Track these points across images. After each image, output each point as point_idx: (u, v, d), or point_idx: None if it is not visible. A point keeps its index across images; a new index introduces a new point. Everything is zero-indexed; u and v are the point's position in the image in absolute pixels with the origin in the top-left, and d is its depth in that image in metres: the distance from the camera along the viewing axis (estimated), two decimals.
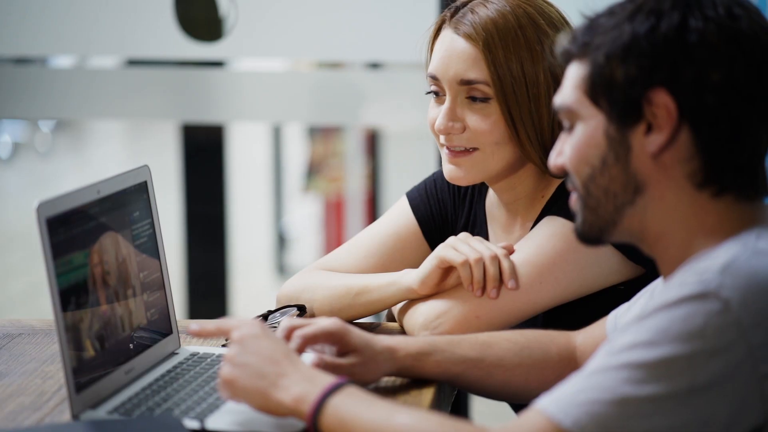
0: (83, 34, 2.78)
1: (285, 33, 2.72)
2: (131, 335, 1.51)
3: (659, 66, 1.20)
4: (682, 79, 1.19)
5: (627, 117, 1.22)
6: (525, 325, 1.66)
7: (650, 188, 1.22)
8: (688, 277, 1.16)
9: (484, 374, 1.51)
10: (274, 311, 1.77)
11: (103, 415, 1.41)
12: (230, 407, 1.42)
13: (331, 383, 1.30)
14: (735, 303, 1.13)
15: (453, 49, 1.69)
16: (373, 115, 2.88)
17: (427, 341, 1.52)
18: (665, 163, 1.21)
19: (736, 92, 1.20)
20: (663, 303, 1.15)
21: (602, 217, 1.25)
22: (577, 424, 1.14)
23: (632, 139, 1.22)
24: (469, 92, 1.69)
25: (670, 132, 1.20)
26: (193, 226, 3.49)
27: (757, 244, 1.18)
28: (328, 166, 5.70)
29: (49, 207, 1.38)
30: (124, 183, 1.53)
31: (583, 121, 1.25)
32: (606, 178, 1.23)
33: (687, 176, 1.22)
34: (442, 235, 1.80)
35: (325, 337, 1.45)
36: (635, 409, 1.13)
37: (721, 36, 1.20)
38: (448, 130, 1.70)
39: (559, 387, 1.18)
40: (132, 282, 1.52)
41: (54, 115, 3.44)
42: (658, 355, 1.13)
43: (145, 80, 2.88)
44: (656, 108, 1.20)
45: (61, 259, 1.39)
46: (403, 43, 2.62)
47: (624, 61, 1.21)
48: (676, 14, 1.20)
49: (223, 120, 3.34)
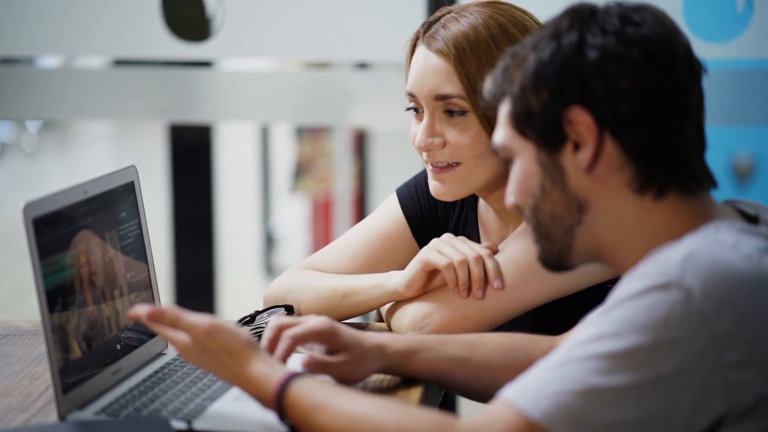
0: (70, 34, 2.77)
1: (272, 33, 2.71)
2: (118, 336, 1.51)
3: (568, 87, 1.23)
4: (593, 94, 1.23)
5: (552, 141, 1.25)
6: (515, 325, 1.66)
7: (593, 204, 1.25)
8: (650, 268, 1.18)
9: (471, 373, 1.52)
10: (261, 311, 1.77)
11: (90, 415, 1.40)
12: (218, 408, 1.42)
13: (293, 370, 1.34)
14: (697, 292, 1.15)
15: (426, 65, 1.69)
16: (361, 115, 2.87)
17: (416, 339, 1.53)
18: (600, 176, 1.24)
19: (647, 96, 1.23)
20: (626, 294, 1.17)
21: (556, 242, 1.28)
22: (545, 415, 1.15)
23: (563, 160, 1.25)
24: (446, 107, 1.69)
25: (595, 146, 1.23)
26: (180, 227, 3.49)
27: (717, 235, 1.21)
28: (316, 166, 5.70)
29: (35, 207, 1.38)
30: (111, 183, 1.52)
31: (518, 156, 1.29)
32: (549, 204, 1.27)
33: (625, 184, 1.24)
34: (432, 234, 1.80)
35: (315, 336, 1.46)
36: (603, 399, 1.14)
37: (621, 45, 1.23)
38: (429, 146, 1.71)
39: (524, 377, 1.19)
40: (119, 282, 1.52)
41: (41, 116, 3.43)
42: (623, 346, 1.15)
43: (133, 80, 2.88)
44: (577, 126, 1.24)
45: (47, 260, 1.38)
46: (391, 43, 2.61)
47: (536, 90, 1.25)
48: (574, 34, 1.24)
49: (211, 120, 3.34)
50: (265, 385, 1.33)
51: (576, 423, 1.14)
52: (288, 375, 1.33)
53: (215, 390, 1.47)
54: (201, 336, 1.36)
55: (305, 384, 1.32)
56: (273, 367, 1.35)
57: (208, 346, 1.36)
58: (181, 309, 1.39)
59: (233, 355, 1.35)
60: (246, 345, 1.36)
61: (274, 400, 1.32)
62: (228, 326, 1.37)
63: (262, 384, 1.33)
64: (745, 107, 2.54)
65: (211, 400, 1.44)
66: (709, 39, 2.43)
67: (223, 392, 1.46)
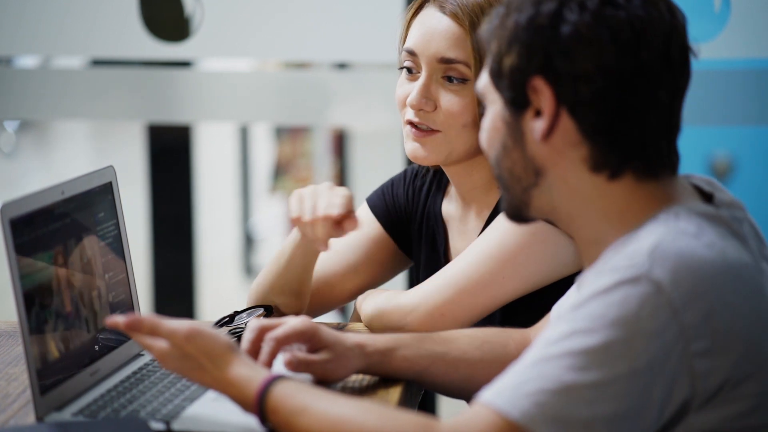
0: (48, 34, 2.76)
1: (251, 33, 2.71)
2: (96, 337, 1.50)
3: (535, 55, 1.23)
4: (556, 69, 1.22)
5: (516, 103, 1.26)
6: (482, 322, 1.68)
7: (550, 171, 1.26)
8: (618, 261, 1.18)
9: (449, 368, 1.53)
10: (240, 312, 1.77)
11: (68, 417, 1.40)
12: (196, 409, 1.41)
13: (275, 373, 1.34)
14: (666, 284, 1.15)
15: (436, 27, 1.71)
16: (341, 116, 2.87)
17: (394, 337, 1.54)
18: (557, 147, 1.25)
19: (611, 82, 1.22)
20: (597, 290, 1.17)
21: (515, 196, 1.30)
22: (524, 415, 1.15)
23: (523, 124, 1.26)
24: (446, 71, 1.71)
25: (551, 118, 1.24)
26: (159, 227, 3.47)
27: (678, 224, 1.21)
28: (295, 166, 5.69)
29: (12, 208, 1.37)
30: (88, 184, 1.52)
31: (490, 105, 1.30)
32: (509, 161, 1.28)
33: (580, 160, 1.25)
34: (402, 226, 1.86)
35: (297, 336, 1.46)
36: (580, 395, 1.15)
37: (594, 26, 1.21)
38: (421, 105, 1.72)
39: (501, 379, 1.20)
40: (97, 283, 1.51)
41: (18, 116, 3.41)
42: (597, 341, 1.15)
43: (111, 80, 2.87)
44: (539, 94, 1.24)
45: (25, 261, 1.38)
46: (371, 43, 2.62)
47: (509, 50, 1.25)
48: (553, 4, 1.23)
49: (190, 120, 3.33)
50: (247, 388, 1.33)
51: (555, 421, 1.14)
52: (269, 378, 1.32)
53: (194, 391, 1.46)
54: (181, 341, 1.35)
55: (287, 387, 1.31)
56: (254, 370, 1.34)
57: (189, 350, 1.35)
58: (159, 316, 1.38)
59: (214, 358, 1.35)
60: (226, 348, 1.36)
61: (256, 403, 1.31)
62: (208, 330, 1.36)
63: (244, 387, 1.33)
64: (723, 107, 2.55)
65: (190, 401, 1.44)
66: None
67: (202, 393, 1.46)
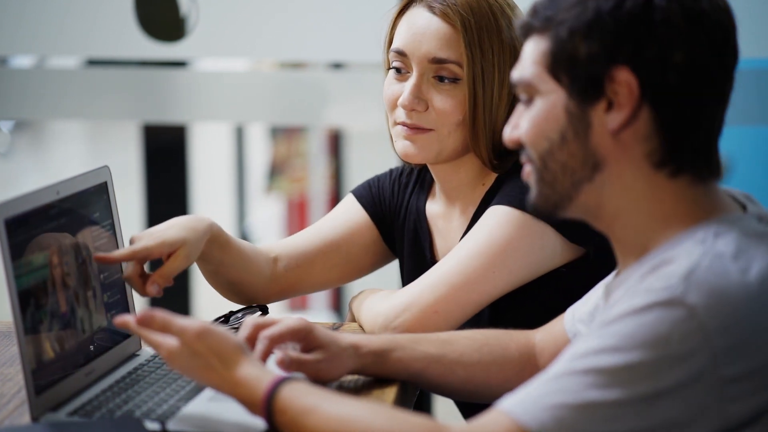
0: (43, 33, 2.76)
1: (247, 33, 2.71)
2: (92, 337, 1.50)
3: (623, 43, 1.20)
4: (646, 58, 1.19)
5: (588, 93, 1.22)
6: (470, 321, 1.68)
7: (608, 166, 1.23)
8: (653, 282, 1.16)
9: (445, 371, 1.52)
10: (236, 312, 1.77)
11: (64, 417, 1.40)
12: (192, 409, 1.41)
13: (283, 375, 1.33)
14: (700, 310, 1.14)
15: (427, 27, 1.71)
16: (336, 116, 2.88)
17: (389, 338, 1.53)
18: (624, 141, 1.22)
19: (697, 73, 1.20)
20: (629, 309, 1.15)
21: (558, 191, 1.25)
22: (542, 427, 1.14)
23: (592, 115, 1.22)
24: (437, 71, 1.71)
25: (631, 110, 1.21)
26: None
27: (716, 245, 1.19)
28: (291, 166, 5.69)
29: (8, 208, 1.37)
30: (84, 184, 1.52)
31: (542, 96, 1.25)
32: (564, 154, 1.23)
33: (645, 155, 1.22)
34: (387, 219, 1.87)
35: (291, 335, 1.46)
36: (599, 413, 1.14)
37: (684, 16, 1.20)
38: (413, 106, 1.72)
39: (523, 389, 1.19)
40: (92, 283, 1.51)
41: (14, 116, 3.41)
42: (623, 361, 1.14)
43: (106, 80, 2.87)
44: (618, 86, 1.20)
45: (20, 261, 1.38)
46: (366, 43, 2.62)
47: (587, 37, 1.20)
48: None
49: (185, 120, 3.32)
50: (255, 388, 1.32)
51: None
52: (278, 379, 1.31)
53: (189, 391, 1.46)
54: (191, 339, 1.34)
55: (295, 388, 1.30)
56: (263, 370, 1.33)
57: (198, 349, 1.34)
58: (170, 313, 1.38)
59: (223, 358, 1.34)
60: (236, 348, 1.35)
61: (264, 403, 1.31)
62: (218, 329, 1.36)
63: (252, 387, 1.32)
64: None
65: (185, 400, 1.44)
66: None
67: (197, 393, 1.46)
